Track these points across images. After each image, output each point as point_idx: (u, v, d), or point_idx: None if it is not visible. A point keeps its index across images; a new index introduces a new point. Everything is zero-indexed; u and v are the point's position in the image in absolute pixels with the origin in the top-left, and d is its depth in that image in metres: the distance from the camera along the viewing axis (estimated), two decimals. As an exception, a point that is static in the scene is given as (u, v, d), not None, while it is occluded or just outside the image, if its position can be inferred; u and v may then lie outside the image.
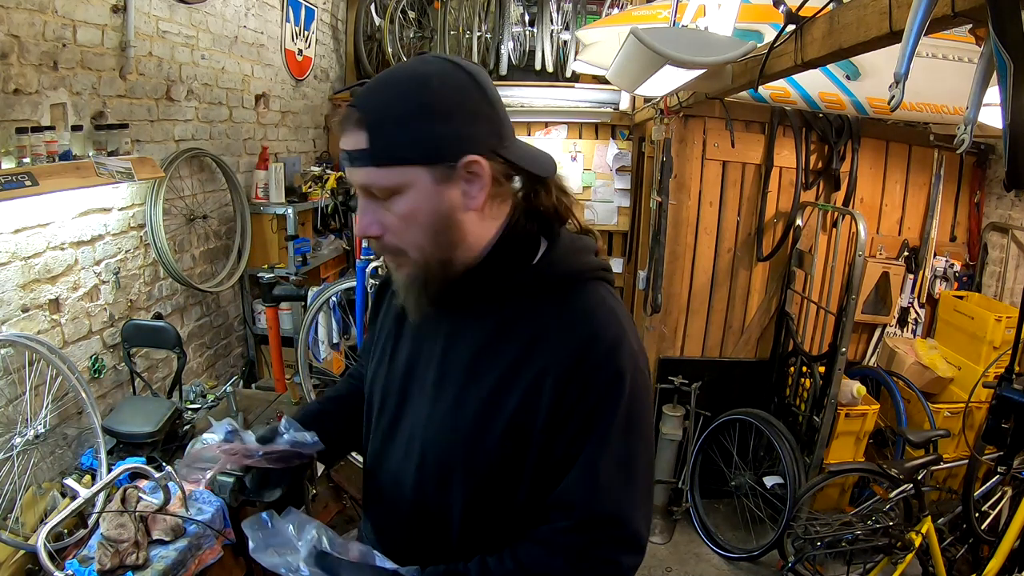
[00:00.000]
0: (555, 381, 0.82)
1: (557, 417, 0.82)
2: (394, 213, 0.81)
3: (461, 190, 0.81)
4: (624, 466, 0.84)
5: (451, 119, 0.79)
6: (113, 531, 1.68)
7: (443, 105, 0.78)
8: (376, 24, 4.44)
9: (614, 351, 0.83)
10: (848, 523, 2.40)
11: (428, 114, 0.78)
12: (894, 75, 1.10)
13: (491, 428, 0.85)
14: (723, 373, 3.35)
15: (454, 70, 0.81)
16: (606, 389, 0.82)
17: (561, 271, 0.88)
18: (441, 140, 0.78)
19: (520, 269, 0.88)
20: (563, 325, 0.84)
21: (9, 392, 1.84)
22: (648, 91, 2.38)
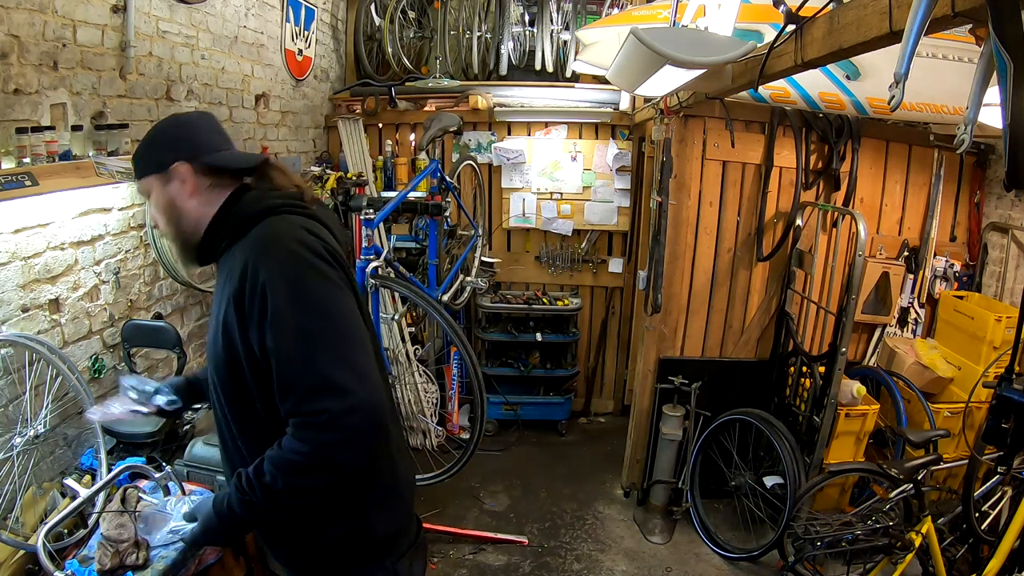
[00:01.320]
0: (235, 294, 1.12)
1: (243, 325, 1.12)
2: (153, 209, 1.30)
3: (178, 185, 1.23)
4: (304, 338, 1.08)
5: (160, 146, 1.25)
6: (113, 531, 1.68)
7: (156, 138, 1.26)
8: (376, 24, 4.44)
9: (265, 251, 1.13)
10: (848, 523, 2.40)
11: (149, 145, 1.26)
12: (894, 75, 1.10)
13: (218, 341, 1.17)
14: (723, 373, 3.35)
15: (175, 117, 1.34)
16: (263, 283, 1.09)
17: (244, 215, 1.21)
18: (158, 157, 1.24)
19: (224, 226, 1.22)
20: (242, 249, 1.17)
21: (9, 392, 1.84)
22: (648, 91, 2.37)
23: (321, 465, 1.08)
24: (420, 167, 4.08)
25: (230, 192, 1.25)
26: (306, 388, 1.06)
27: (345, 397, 1.06)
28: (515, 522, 3.29)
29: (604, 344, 4.51)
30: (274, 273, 1.10)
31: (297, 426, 1.08)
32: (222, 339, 1.16)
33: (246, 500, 1.12)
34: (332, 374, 1.06)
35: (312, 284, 1.12)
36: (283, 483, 1.09)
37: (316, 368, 1.06)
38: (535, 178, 4.22)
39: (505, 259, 4.32)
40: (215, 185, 1.24)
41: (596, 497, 3.55)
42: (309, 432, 1.06)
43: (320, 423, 1.05)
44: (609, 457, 3.92)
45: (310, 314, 1.09)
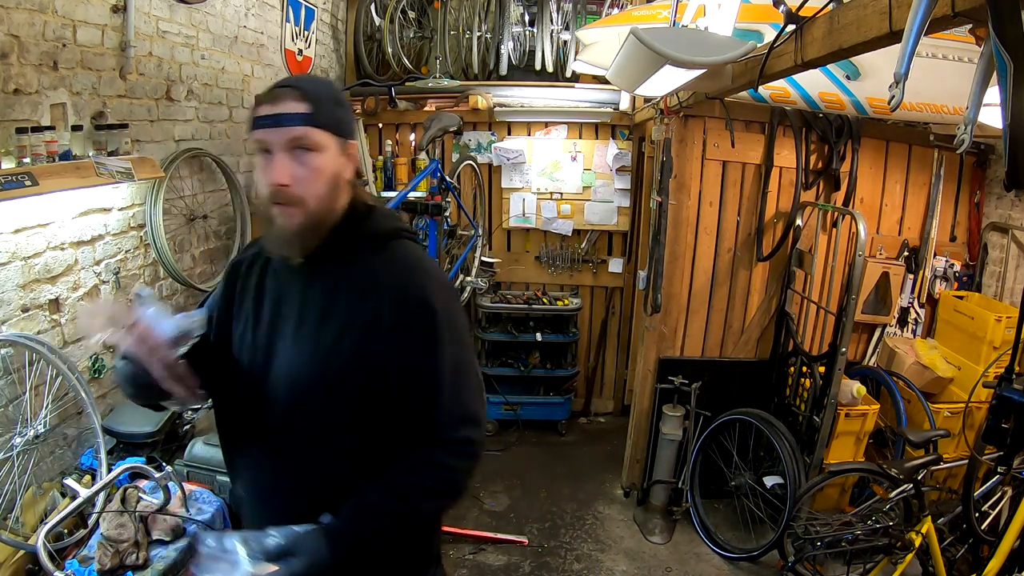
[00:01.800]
0: (389, 310, 1.07)
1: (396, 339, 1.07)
2: (308, 167, 1.05)
3: (345, 162, 1.11)
4: (456, 369, 1.10)
5: (347, 112, 1.13)
6: (113, 531, 1.69)
7: (344, 102, 1.13)
8: (376, 24, 4.44)
9: (426, 285, 1.11)
10: (848, 523, 2.40)
11: (341, 104, 1.12)
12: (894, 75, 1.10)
13: (343, 348, 1.08)
14: (723, 373, 3.35)
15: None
16: (427, 315, 1.08)
17: (383, 229, 1.17)
18: (345, 123, 1.11)
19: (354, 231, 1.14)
20: (389, 269, 1.12)
21: (9, 392, 1.84)
22: (648, 91, 2.37)
23: (455, 490, 1.14)
24: (420, 167, 4.08)
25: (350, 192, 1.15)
26: (455, 417, 1.10)
27: (480, 428, 1.14)
28: (515, 522, 3.29)
29: (604, 344, 4.51)
30: (440, 303, 1.10)
31: (440, 452, 1.09)
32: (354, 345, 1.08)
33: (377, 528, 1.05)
34: (474, 406, 1.13)
35: (461, 318, 1.17)
36: (422, 507, 1.09)
37: (464, 399, 1.11)
38: (535, 178, 4.22)
39: (505, 259, 4.32)
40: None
41: (596, 497, 3.55)
42: (452, 459, 1.10)
43: (463, 452, 1.11)
44: (609, 457, 3.92)
45: (462, 347, 1.13)
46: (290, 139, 1.04)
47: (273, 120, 1.04)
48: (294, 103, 1.04)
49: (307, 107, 1.04)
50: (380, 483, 1.06)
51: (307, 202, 1.05)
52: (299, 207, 1.05)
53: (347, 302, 1.10)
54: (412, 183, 3.28)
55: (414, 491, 1.07)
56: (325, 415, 1.10)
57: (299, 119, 1.03)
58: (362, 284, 1.10)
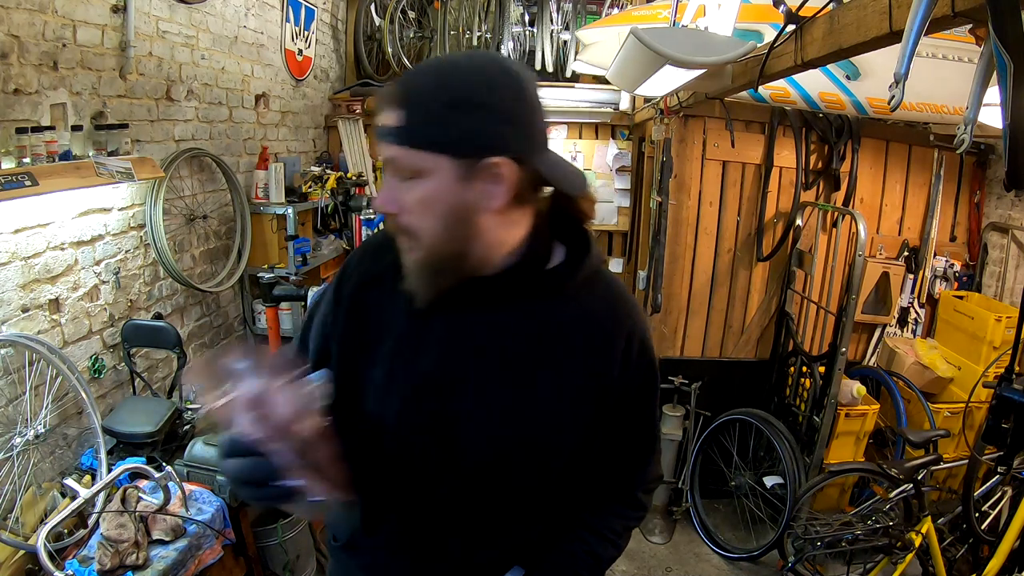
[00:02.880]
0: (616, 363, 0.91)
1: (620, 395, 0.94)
2: (411, 194, 0.80)
3: (481, 189, 0.80)
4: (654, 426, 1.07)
5: (482, 117, 0.78)
6: (113, 531, 1.69)
7: (478, 101, 0.78)
8: (376, 24, 4.44)
9: (647, 334, 0.97)
10: (848, 523, 2.40)
11: (461, 107, 0.77)
12: (894, 75, 1.10)
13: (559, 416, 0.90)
14: (723, 373, 3.35)
15: (499, 69, 0.81)
16: (650, 368, 0.98)
17: (591, 268, 0.92)
18: (469, 135, 0.78)
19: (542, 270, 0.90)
20: (608, 312, 0.93)
21: (9, 392, 1.84)
22: (648, 91, 2.38)
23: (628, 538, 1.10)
24: (420, 167, 4.07)
25: (534, 212, 0.88)
26: (647, 477, 1.08)
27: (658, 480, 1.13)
28: (515, 522, 3.29)
29: (604, 344, 4.51)
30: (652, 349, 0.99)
31: (639, 496, 1.08)
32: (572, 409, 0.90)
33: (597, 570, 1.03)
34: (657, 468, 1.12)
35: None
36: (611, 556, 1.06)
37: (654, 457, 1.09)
38: (535, 178, 4.22)
39: (505, 259, 4.32)
40: (524, 201, 0.85)
41: (596, 497, 3.55)
42: (643, 502, 1.09)
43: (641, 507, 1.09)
44: (609, 457, 3.91)
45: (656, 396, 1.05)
46: (386, 160, 0.82)
47: (377, 131, 0.84)
48: (390, 111, 0.79)
49: (399, 117, 0.78)
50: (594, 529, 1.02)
51: (420, 237, 0.82)
52: (415, 240, 0.83)
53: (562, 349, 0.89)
54: (412, 183, 3.27)
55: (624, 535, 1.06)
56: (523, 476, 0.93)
57: (390, 135, 0.80)
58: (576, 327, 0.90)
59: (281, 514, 2.34)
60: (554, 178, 0.85)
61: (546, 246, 0.91)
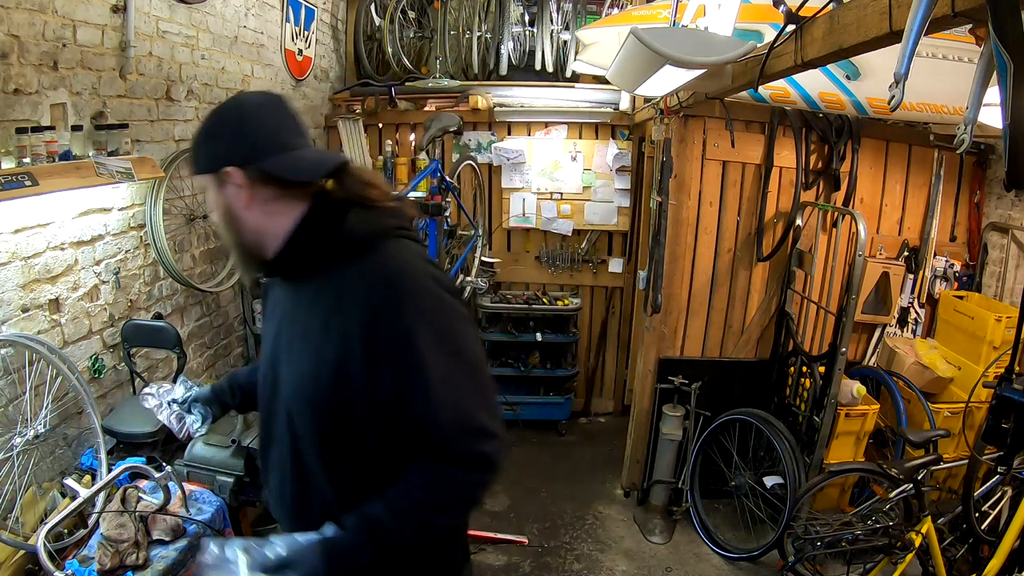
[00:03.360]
0: (361, 325, 1.02)
1: (371, 368, 1.02)
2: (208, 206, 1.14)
3: (229, 192, 1.07)
4: (449, 382, 1.03)
5: (217, 140, 1.07)
6: (113, 531, 1.69)
7: (215, 130, 1.08)
8: (376, 24, 4.44)
9: (402, 290, 1.03)
10: (848, 523, 2.40)
11: (207, 137, 1.09)
12: (894, 75, 1.10)
13: (322, 378, 1.05)
14: (723, 373, 3.35)
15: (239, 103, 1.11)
16: (406, 328, 1.01)
17: (355, 236, 1.07)
18: (211, 155, 1.07)
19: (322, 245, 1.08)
20: (363, 277, 1.05)
21: (9, 392, 1.84)
22: (648, 91, 2.37)
23: (464, 502, 1.11)
24: (420, 167, 4.08)
25: (308, 204, 1.09)
26: (462, 434, 1.04)
27: (493, 440, 1.06)
28: (515, 522, 3.29)
29: (604, 344, 4.51)
30: (418, 317, 1.02)
31: (447, 467, 1.05)
32: (330, 379, 1.05)
33: (376, 542, 1.03)
34: (484, 420, 1.06)
35: (453, 326, 1.07)
36: (425, 523, 1.05)
37: (470, 415, 1.05)
38: (535, 178, 4.22)
39: (505, 259, 4.32)
40: (282, 195, 1.08)
41: (596, 497, 3.55)
42: (463, 474, 1.05)
43: (474, 464, 1.05)
44: (609, 457, 3.91)
45: (457, 360, 1.05)
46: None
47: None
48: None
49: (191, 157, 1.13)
50: (386, 498, 1.04)
51: (222, 236, 1.15)
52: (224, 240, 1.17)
53: (313, 318, 1.08)
54: (412, 183, 3.28)
55: (421, 507, 1.04)
56: (304, 438, 1.10)
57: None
58: (337, 300, 1.05)
59: (281, 514, 2.34)
60: (278, 172, 1.05)
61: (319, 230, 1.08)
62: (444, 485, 1.05)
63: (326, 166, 1.10)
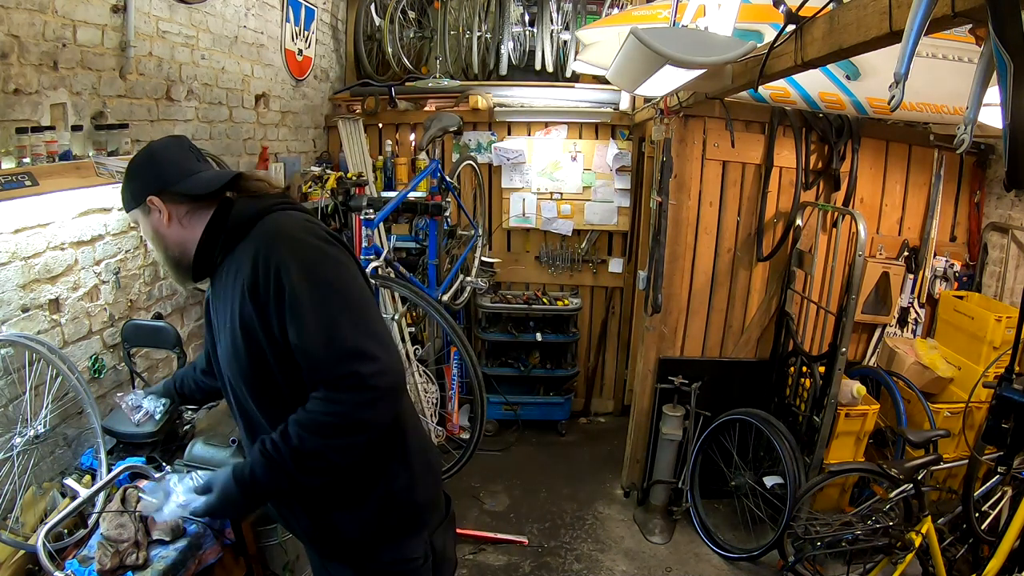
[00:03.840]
0: (250, 276, 1.19)
1: (260, 311, 1.19)
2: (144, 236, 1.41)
3: (154, 217, 1.32)
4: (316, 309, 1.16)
5: (136, 179, 1.33)
6: (113, 531, 1.69)
7: (133, 173, 1.34)
8: (376, 24, 4.44)
9: (273, 241, 1.21)
10: (848, 523, 2.40)
11: (128, 180, 1.35)
12: (894, 75, 1.10)
13: (237, 340, 1.23)
14: (723, 373, 3.35)
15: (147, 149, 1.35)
16: (276, 269, 1.17)
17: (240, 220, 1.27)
18: (134, 191, 1.33)
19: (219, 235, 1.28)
20: (251, 244, 1.23)
21: (9, 392, 1.84)
22: (648, 91, 2.37)
23: (350, 424, 1.17)
24: (420, 167, 4.08)
25: (213, 210, 1.31)
26: (335, 357, 1.15)
27: (373, 362, 1.15)
28: (515, 522, 3.29)
29: (604, 344, 4.51)
30: (286, 257, 1.18)
31: (327, 390, 1.16)
32: (241, 336, 1.22)
33: (272, 464, 1.17)
34: (358, 342, 1.16)
35: (323, 261, 1.22)
36: (312, 444, 1.16)
37: (341, 338, 1.15)
38: (535, 178, 4.22)
39: (505, 259, 4.32)
40: (194, 209, 1.31)
41: (596, 497, 3.55)
42: (339, 394, 1.15)
43: (350, 384, 1.14)
44: (609, 457, 3.92)
45: (326, 290, 1.18)
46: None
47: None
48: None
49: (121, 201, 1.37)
50: (284, 424, 1.19)
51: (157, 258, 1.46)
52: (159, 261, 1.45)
53: (225, 297, 1.27)
54: (412, 183, 3.28)
55: (309, 429, 1.15)
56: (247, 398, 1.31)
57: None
58: (235, 272, 1.24)
59: (281, 514, 2.34)
60: (185, 189, 1.29)
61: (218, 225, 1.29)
62: (328, 406, 1.15)
63: (222, 179, 1.32)
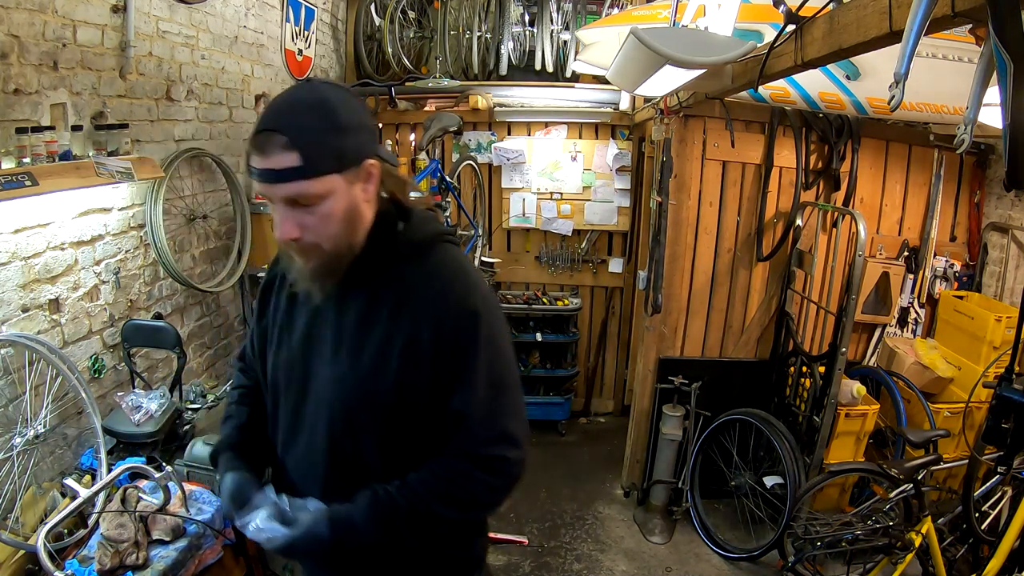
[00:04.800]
0: (427, 325, 1.04)
1: (436, 357, 1.04)
2: (316, 215, 0.98)
3: (361, 187, 1.02)
4: (494, 385, 1.07)
5: (353, 132, 0.99)
6: (113, 531, 1.68)
7: (346, 122, 0.98)
8: (376, 24, 4.44)
9: (467, 294, 1.06)
10: (848, 523, 2.40)
11: (339, 131, 0.97)
12: (894, 75, 1.10)
13: (385, 374, 1.05)
14: (723, 373, 3.35)
15: (343, 92, 1.02)
16: (467, 325, 1.04)
17: (416, 239, 1.10)
18: (349, 151, 0.98)
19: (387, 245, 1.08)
20: (425, 280, 1.06)
21: (9, 392, 1.84)
22: (648, 91, 2.37)
23: (480, 504, 1.13)
24: (420, 167, 4.08)
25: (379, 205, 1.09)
26: (491, 437, 1.07)
27: (519, 449, 1.09)
28: (515, 522, 3.29)
29: (604, 344, 4.51)
30: (484, 316, 1.06)
31: (471, 465, 1.07)
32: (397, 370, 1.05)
33: (382, 518, 1.04)
34: (514, 427, 1.09)
35: (504, 331, 1.13)
36: (435, 510, 1.06)
37: (503, 420, 1.08)
38: (535, 178, 4.22)
39: (505, 259, 4.32)
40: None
41: (596, 497, 3.55)
42: (481, 473, 1.07)
43: (495, 468, 1.08)
44: (609, 457, 3.92)
45: (505, 364, 1.10)
46: (286, 196, 0.96)
47: (265, 175, 0.95)
48: (281, 155, 0.93)
49: (296, 159, 0.93)
50: (404, 480, 1.06)
51: (321, 246, 1.01)
52: (314, 252, 1.02)
53: (386, 322, 1.06)
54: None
55: (434, 495, 1.05)
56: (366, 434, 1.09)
57: (291, 174, 0.94)
58: (399, 300, 1.06)
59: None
60: (390, 159, 1.06)
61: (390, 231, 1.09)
62: (462, 479, 1.06)
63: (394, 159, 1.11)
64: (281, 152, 0.93)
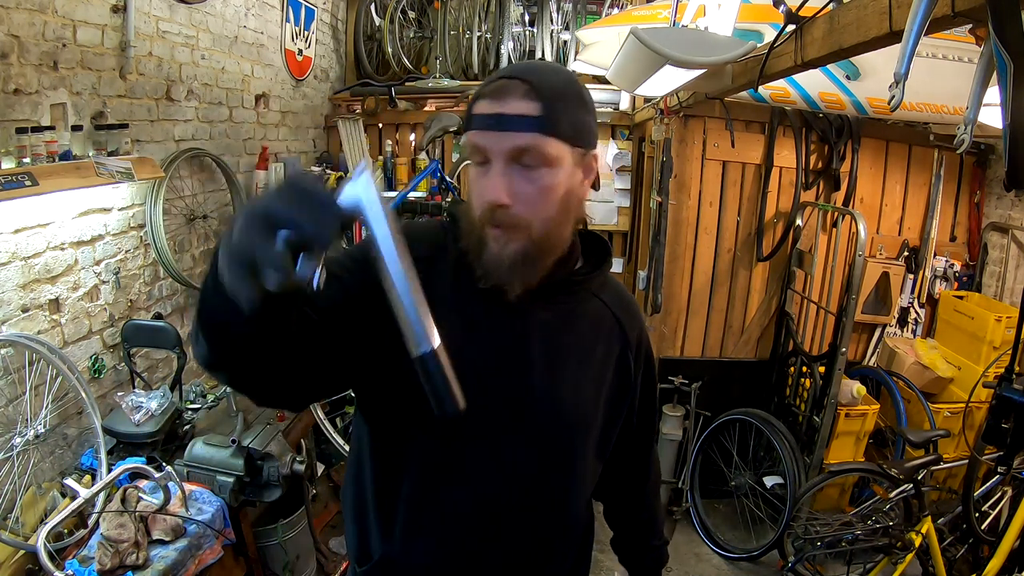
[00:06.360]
0: (635, 355, 1.03)
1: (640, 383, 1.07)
2: (536, 184, 0.83)
3: (581, 179, 0.89)
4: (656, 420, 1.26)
5: (592, 115, 0.90)
6: (113, 531, 1.69)
7: (589, 101, 0.90)
8: (376, 24, 4.44)
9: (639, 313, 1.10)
10: (848, 523, 2.40)
11: (584, 106, 0.88)
12: (894, 75, 1.10)
13: (598, 403, 0.99)
14: (723, 373, 3.35)
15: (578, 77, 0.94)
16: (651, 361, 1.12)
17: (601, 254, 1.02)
18: (585, 128, 0.87)
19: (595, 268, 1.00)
20: (623, 309, 1.03)
21: (9, 392, 1.84)
22: (648, 91, 2.38)
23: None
24: (420, 167, 4.08)
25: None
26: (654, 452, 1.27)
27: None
28: (515, 522, 3.29)
29: (604, 344, 4.51)
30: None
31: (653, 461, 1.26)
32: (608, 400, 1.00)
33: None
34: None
35: None
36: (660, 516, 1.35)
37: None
38: (535, 178, 4.22)
39: (505, 259, 4.31)
40: None
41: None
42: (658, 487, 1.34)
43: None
44: (609, 457, 3.91)
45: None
46: (514, 148, 0.81)
47: (494, 121, 0.82)
48: (522, 102, 0.81)
49: (539, 108, 0.81)
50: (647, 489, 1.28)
51: (532, 226, 0.84)
52: (520, 232, 0.84)
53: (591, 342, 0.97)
54: (412, 183, 3.29)
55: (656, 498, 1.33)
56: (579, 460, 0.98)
57: (528, 123, 0.81)
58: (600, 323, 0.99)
59: (282, 514, 2.34)
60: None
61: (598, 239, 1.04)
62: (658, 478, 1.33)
63: None
64: (521, 99, 0.81)
